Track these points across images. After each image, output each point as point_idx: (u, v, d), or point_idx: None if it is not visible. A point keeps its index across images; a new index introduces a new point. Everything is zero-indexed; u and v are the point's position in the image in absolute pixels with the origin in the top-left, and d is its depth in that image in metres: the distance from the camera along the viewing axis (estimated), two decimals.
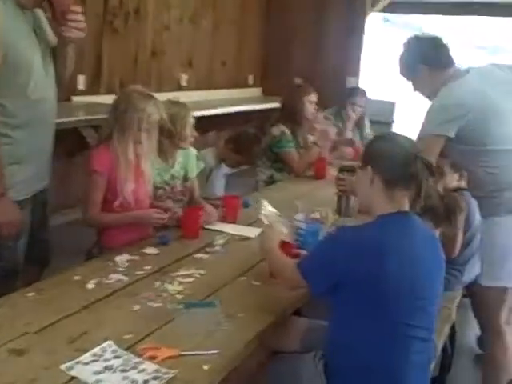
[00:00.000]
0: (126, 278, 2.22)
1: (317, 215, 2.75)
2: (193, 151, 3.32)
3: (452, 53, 2.73)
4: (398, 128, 8.33)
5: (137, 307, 2.00)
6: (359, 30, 7.23)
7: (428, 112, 2.64)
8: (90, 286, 2.14)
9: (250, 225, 2.99)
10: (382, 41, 8.79)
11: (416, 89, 2.81)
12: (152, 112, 2.61)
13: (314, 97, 4.40)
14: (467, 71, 2.67)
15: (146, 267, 2.34)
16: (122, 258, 2.40)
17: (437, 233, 2.56)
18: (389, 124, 7.94)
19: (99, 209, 2.59)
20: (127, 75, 5.48)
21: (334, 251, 1.87)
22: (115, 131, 2.60)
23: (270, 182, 4.31)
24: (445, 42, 2.73)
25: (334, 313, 1.93)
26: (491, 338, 2.78)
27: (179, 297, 2.11)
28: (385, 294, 1.79)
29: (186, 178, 3.22)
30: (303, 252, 2.34)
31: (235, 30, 7.07)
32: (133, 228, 2.66)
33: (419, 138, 2.61)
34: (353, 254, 1.81)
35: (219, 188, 3.85)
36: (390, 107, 8.02)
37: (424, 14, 9.22)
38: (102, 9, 5.06)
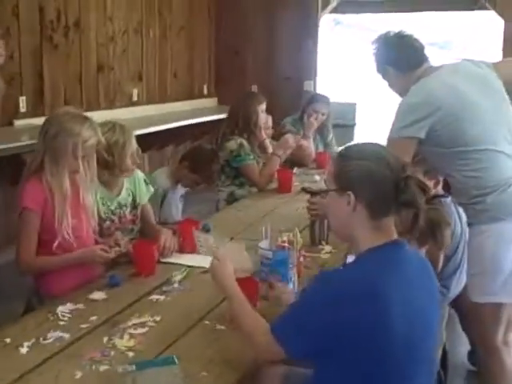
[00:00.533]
0: (67, 336, 1.89)
1: (283, 239, 2.44)
2: (140, 174, 3.00)
3: (423, 51, 2.54)
4: (360, 130, 8.15)
5: (79, 374, 1.68)
6: (313, 33, 6.98)
7: (397, 112, 2.44)
8: (24, 350, 1.80)
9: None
10: (337, 43, 8.60)
11: (389, 86, 2.66)
12: (88, 136, 2.29)
13: (264, 105, 4.16)
14: (440, 67, 2.48)
15: (92, 318, 2.01)
16: (63, 309, 2.06)
17: (423, 252, 2.30)
18: (351, 127, 7.73)
19: (33, 252, 2.27)
20: (72, 93, 5.13)
21: (317, 305, 1.52)
22: (47, 160, 2.27)
23: (232, 199, 4.02)
24: (413, 42, 2.55)
25: (318, 376, 1.61)
26: (487, 356, 2.51)
27: (130, 354, 1.79)
28: (385, 349, 1.47)
29: (135, 205, 2.90)
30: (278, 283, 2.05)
31: (184, 39, 6.75)
32: (77, 270, 2.33)
33: (389, 140, 2.40)
34: (344, 305, 1.47)
35: (176, 211, 3.54)
36: (351, 109, 7.82)
37: (374, 12, 9.08)
38: (39, 23, 4.70)
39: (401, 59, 2.53)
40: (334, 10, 7.38)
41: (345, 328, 1.47)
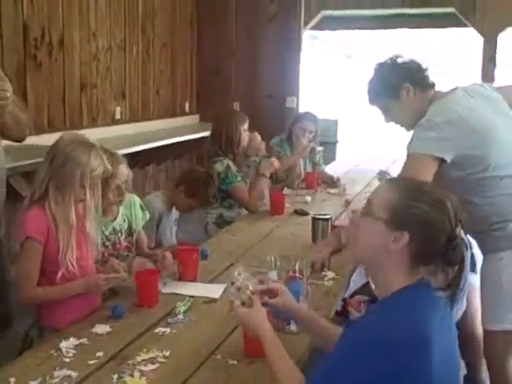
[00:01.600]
0: (74, 374, 1.80)
1: (290, 267, 2.37)
2: (136, 199, 2.94)
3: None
4: (342, 147, 8.16)
5: None
6: (295, 49, 6.99)
7: (419, 129, 2.36)
8: None
9: (211, 281, 2.62)
10: (314, 59, 8.61)
11: (396, 116, 2.56)
12: (97, 165, 2.22)
13: (247, 124, 4.12)
14: (453, 90, 2.44)
15: (99, 353, 1.93)
16: (67, 345, 1.97)
17: None
18: (333, 144, 7.73)
19: (35, 283, 2.18)
20: (56, 112, 5.01)
21: (359, 353, 1.41)
22: (51, 189, 2.19)
23: (221, 221, 3.97)
24: (420, 64, 2.51)
25: None
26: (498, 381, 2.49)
27: None
28: None
29: (130, 231, 2.84)
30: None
31: (167, 56, 6.68)
32: (78, 301, 2.24)
33: (411, 156, 2.32)
34: (392, 355, 1.37)
35: (170, 235, 3.47)
36: (333, 126, 7.83)
37: (355, 28, 9.14)
38: (22, 41, 4.58)
39: (422, 76, 2.48)
40: (315, 27, 7.40)
41: (390, 379, 1.38)
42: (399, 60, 2.51)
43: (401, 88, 2.46)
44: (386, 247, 1.52)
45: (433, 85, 2.48)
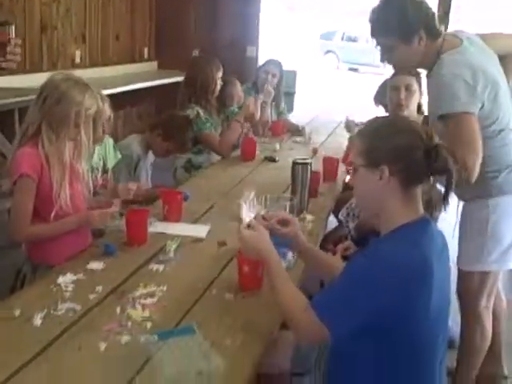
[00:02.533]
0: (78, 307, 1.84)
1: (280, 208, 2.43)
2: (110, 140, 2.98)
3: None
4: (299, 99, 8.19)
5: (103, 346, 1.65)
6: None
7: (444, 85, 2.31)
8: (37, 321, 1.74)
9: (195, 222, 2.67)
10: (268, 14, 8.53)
11: (398, 58, 2.45)
12: (90, 104, 2.22)
13: (221, 72, 4.11)
14: (460, 39, 2.43)
15: (98, 288, 1.97)
16: (65, 279, 2.01)
17: None
18: (291, 94, 7.75)
19: (29, 221, 2.18)
20: None
21: (369, 282, 1.50)
22: (45, 127, 2.17)
23: (189, 166, 4.00)
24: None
25: (359, 364, 1.61)
26: (470, 322, 2.65)
27: (149, 325, 1.77)
28: (432, 330, 1.54)
29: (104, 169, 2.90)
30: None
31: (127, 0, 6.54)
32: (70, 237, 2.27)
33: (451, 116, 2.29)
34: (398, 282, 1.48)
35: (146, 179, 3.48)
36: (292, 76, 7.80)
37: None
38: None
39: (434, 22, 2.38)
40: None
41: (397, 305, 1.48)
42: (418, 2, 2.37)
43: (415, 33, 2.35)
44: (376, 187, 1.63)
45: (441, 33, 2.42)
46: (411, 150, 1.59)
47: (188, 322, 1.79)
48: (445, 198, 1.65)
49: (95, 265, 2.14)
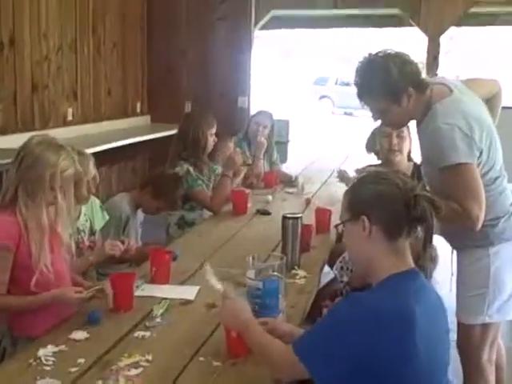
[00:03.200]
0: (58, 383, 1.76)
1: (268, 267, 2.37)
2: (96, 200, 2.95)
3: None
4: (293, 147, 8.22)
5: None
6: (246, 49, 6.98)
7: (442, 136, 2.29)
8: None
9: (183, 282, 2.60)
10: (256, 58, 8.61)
11: (393, 117, 2.44)
12: (66, 166, 2.17)
13: (215, 128, 4.09)
14: (448, 88, 2.41)
15: (80, 360, 1.89)
16: (46, 352, 1.92)
17: None
18: (285, 143, 7.77)
19: (5, 291, 2.12)
20: (7, 115, 4.89)
21: (346, 327, 1.50)
22: (21, 193, 2.13)
23: (183, 223, 3.95)
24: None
25: None
26: (473, 375, 2.57)
27: None
28: (413, 374, 1.49)
29: (91, 231, 2.84)
30: (263, 319, 1.98)
31: (118, 55, 6.59)
32: (52, 307, 2.19)
33: (452, 168, 2.27)
34: (376, 327, 1.47)
35: (136, 238, 3.42)
36: (284, 126, 7.86)
37: (304, 27, 9.22)
38: None
39: (419, 77, 2.38)
40: (265, 27, 7.41)
41: (374, 352, 1.46)
42: (400, 58, 2.35)
43: (403, 93, 2.34)
44: (361, 239, 1.65)
45: (428, 84, 2.41)
46: (389, 199, 1.62)
47: None
48: (424, 248, 1.63)
49: (78, 335, 2.05)
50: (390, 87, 2.33)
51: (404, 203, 1.60)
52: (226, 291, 2.01)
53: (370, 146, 3.84)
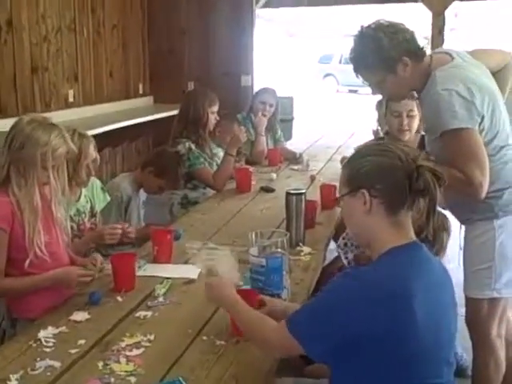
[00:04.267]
0: (58, 364, 1.72)
1: (270, 243, 2.33)
2: (97, 181, 2.91)
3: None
4: (298, 124, 8.14)
5: None
6: (248, 27, 6.89)
7: (439, 101, 2.23)
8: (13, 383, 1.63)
9: (187, 261, 2.56)
10: (259, 37, 8.52)
11: (390, 88, 2.41)
12: (58, 145, 2.12)
13: (217, 106, 4.03)
14: (450, 55, 2.35)
15: (80, 341, 1.85)
16: (46, 334, 1.89)
17: None
18: (289, 121, 7.70)
19: (1, 273, 2.08)
20: (7, 97, 4.85)
21: (343, 302, 1.46)
22: (13, 173, 2.09)
23: (186, 202, 3.91)
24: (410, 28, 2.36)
25: (336, 376, 1.54)
26: (482, 350, 2.49)
27: (132, 380, 1.65)
28: (413, 350, 1.44)
29: (93, 213, 2.81)
30: (267, 298, 1.94)
31: (118, 37, 6.52)
32: (52, 289, 2.15)
33: (450, 133, 2.22)
34: (373, 302, 1.42)
35: (138, 218, 3.38)
36: (288, 103, 7.77)
37: (306, 5, 9.08)
38: None
39: (414, 46, 2.33)
40: (267, 5, 7.31)
41: (369, 328, 1.42)
42: (391, 28, 2.32)
43: (398, 62, 2.30)
44: (363, 214, 1.59)
45: (425, 52, 2.36)
46: (390, 171, 1.55)
47: (175, 374, 1.68)
48: (427, 220, 1.56)
49: (79, 316, 2.02)
50: (382, 57, 2.30)
51: (406, 175, 1.53)
52: (211, 269, 1.96)
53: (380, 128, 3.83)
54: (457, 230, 2.62)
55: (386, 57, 2.30)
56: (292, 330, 1.51)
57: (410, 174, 1.52)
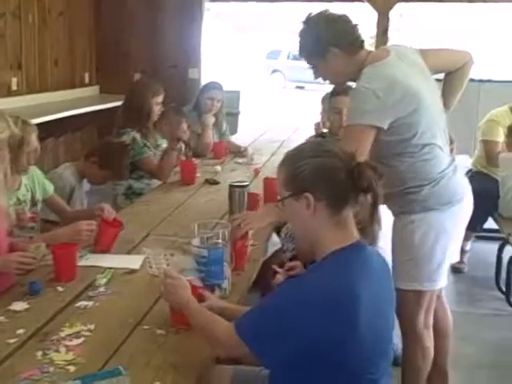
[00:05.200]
0: None
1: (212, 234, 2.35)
2: (37, 170, 2.87)
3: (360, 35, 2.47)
4: (244, 118, 8.17)
5: None
6: (197, 20, 6.87)
7: (354, 97, 2.35)
8: None
9: (129, 252, 2.57)
10: (207, 31, 8.50)
11: (323, 75, 2.53)
12: (1, 129, 2.09)
13: (161, 97, 4.03)
14: (387, 51, 2.43)
15: (19, 331, 1.84)
16: None
17: None
18: (235, 114, 7.71)
19: None
20: None
21: (287, 311, 1.48)
22: None
23: (130, 193, 3.91)
24: (353, 22, 2.46)
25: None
26: (409, 340, 2.60)
27: (72, 369, 1.66)
28: (354, 352, 1.48)
29: (34, 202, 2.76)
30: (207, 293, 1.96)
31: (64, 25, 6.40)
32: None
33: (347, 127, 2.35)
34: (317, 308, 1.45)
35: (82, 208, 3.35)
36: (235, 97, 7.78)
37: (253, 0, 9.12)
38: None
39: (349, 37, 2.42)
40: None
41: (316, 332, 1.45)
42: (331, 17, 2.43)
43: (326, 50, 2.41)
44: (306, 217, 1.60)
45: (362, 46, 2.45)
46: (332, 173, 1.57)
47: (115, 363, 1.68)
48: (372, 216, 1.60)
49: (18, 305, 2.01)
50: (315, 43, 2.43)
51: (348, 174, 1.55)
52: (167, 270, 1.98)
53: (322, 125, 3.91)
54: (390, 221, 2.71)
55: (317, 43, 2.42)
56: (241, 335, 1.54)
57: (352, 172, 1.55)
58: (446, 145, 2.48)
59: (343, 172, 1.55)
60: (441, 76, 2.71)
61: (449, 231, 2.46)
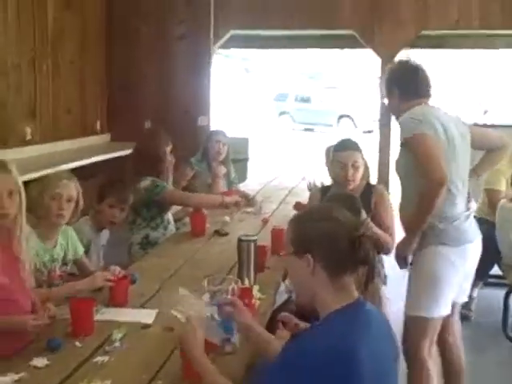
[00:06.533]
0: None
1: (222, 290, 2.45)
2: (72, 231, 2.97)
3: (429, 87, 2.94)
4: (253, 164, 8.31)
5: None
6: (206, 67, 7.06)
7: (403, 120, 2.84)
8: None
9: (142, 305, 2.66)
10: (217, 73, 8.67)
11: (389, 107, 3.13)
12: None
13: (171, 146, 4.15)
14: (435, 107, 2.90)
15: None
16: (6, 381, 1.95)
17: None
18: (244, 161, 7.85)
19: None
20: None
21: (293, 371, 1.54)
22: None
23: (146, 243, 3.97)
24: (423, 75, 2.93)
25: None
26: (414, 367, 2.80)
27: None
28: None
29: (65, 261, 2.87)
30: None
31: (76, 73, 6.59)
32: (9, 334, 2.20)
33: (407, 140, 2.75)
34: (321, 375, 1.51)
35: (98, 260, 3.46)
36: (243, 143, 7.95)
37: (262, 48, 9.35)
38: None
39: (408, 84, 2.89)
40: (224, 45, 7.51)
41: None
42: (397, 64, 3.08)
43: (391, 90, 2.99)
44: (306, 275, 1.69)
45: (423, 95, 2.90)
46: (335, 239, 1.65)
47: None
48: (365, 286, 1.70)
49: (39, 362, 2.08)
50: (388, 78, 3.07)
51: (349, 243, 1.64)
52: (190, 318, 2.06)
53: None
54: (399, 274, 2.98)
55: (387, 81, 3.05)
56: None
57: (353, 241, 1.64)
58: (464, 195, 2.80)
59: (345, 240, 1.64)
60: None
61: (456, 266, 2.73)
